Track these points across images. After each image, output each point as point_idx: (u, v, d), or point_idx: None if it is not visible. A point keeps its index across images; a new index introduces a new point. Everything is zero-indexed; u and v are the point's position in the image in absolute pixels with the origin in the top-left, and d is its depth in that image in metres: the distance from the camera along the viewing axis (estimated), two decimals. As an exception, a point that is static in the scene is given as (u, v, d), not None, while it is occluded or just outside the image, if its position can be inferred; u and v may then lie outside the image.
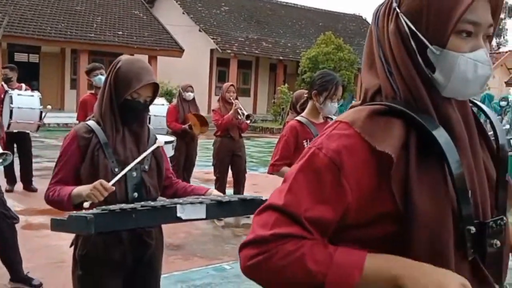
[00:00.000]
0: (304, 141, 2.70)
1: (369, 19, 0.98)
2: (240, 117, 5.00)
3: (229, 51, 18.28)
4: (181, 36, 17.41)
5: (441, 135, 0.81)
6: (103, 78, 4.23)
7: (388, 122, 0.82)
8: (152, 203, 1.64)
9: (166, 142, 5.45)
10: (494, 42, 34.31)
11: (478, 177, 0.86)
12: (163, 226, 1.98)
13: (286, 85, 18.08)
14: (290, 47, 20.48)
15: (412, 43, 0.85)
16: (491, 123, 0.94)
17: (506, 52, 26.14)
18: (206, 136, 11.26)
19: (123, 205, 1.54)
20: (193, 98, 5.64)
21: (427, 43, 0.83)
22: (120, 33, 16.45)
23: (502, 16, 33.01)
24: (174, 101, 5.83)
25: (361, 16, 28.03)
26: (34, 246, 4.00)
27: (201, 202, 1.65)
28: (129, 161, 1.78)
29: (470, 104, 0.92)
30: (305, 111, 2.88)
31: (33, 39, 14.51)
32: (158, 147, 1.84)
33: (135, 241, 1.80)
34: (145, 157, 1.79)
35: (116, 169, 1.76)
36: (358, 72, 20.73)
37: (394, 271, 0.77)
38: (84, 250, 1.78)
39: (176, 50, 17.09)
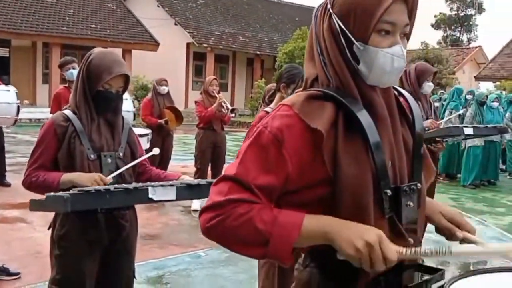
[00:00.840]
0: None
1: None
2: (224, 111, 5.14)
3: (205, 45, 18.25)
4: (156, 30, 17.27)
5: (363, 116, 0.98)
6: (75, 72, 4.27)
7: (321, 105, 0.99)
8: (125, 185, 1.76)
9: (141, 135, 5.53)
10: (464, 38, 35.30)
11: (397, 150, 1.03)
12: (140, 217, 2.11)
13: (263, 79, 18.20)
14: (267, 41, 20.60)
15: (342, 39, 1.00)
16: (409, 106, 1.11)
17: (476, 47, 26.85)
18: (184, 131, 11.36)
19: (98, 187, 1.66)
20: (168, 92, 5.71)
21: (353, 39, 0.99)
22: (93, 26, 16.20)
23: (472, 12, 33.39)
24: (149, 95, 5.88)
25: (337, 11, 28.36)
26: (9, 239, 4.03)
27: (171, 185, 1.78)
28: (104, 148, 1.90)
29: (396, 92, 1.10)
30: (273, 103, 3.02)
31: (3, 32, 14.16)
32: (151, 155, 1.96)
33: (110, 222, 1.90)
34: (138, 162, 1.94)
35: (92, 156, 1.87)
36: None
37: (326, 228, 0.94)
38: (61, 230, 1.88)
39: (151, 43, 16.96)
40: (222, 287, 3.34)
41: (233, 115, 5.39)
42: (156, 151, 1.99)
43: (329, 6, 1.03)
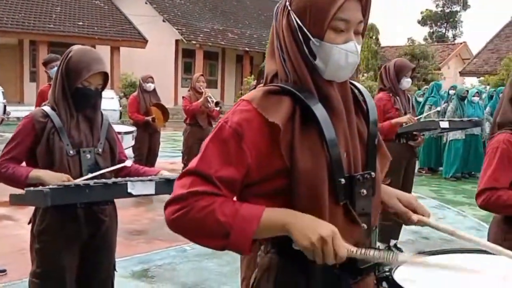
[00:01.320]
0: None
1: None
2: (210, 105, 5.30)
3: (194, 42, 18.22)
4: (145, 27, 17.19)
5: (319, 109, 1.03)
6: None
7: (279, 99, 1.03)
8: (104, 180, 1.81)
9: (126, 132, 5.57)
10: (450, 34, 35.64)
11: (351, 141, 1.08)
12: (128, 213, 2.15)
13: (253, 76, 18.25)
14: (256, 38, 20.61)
15: (299, 35, 1.04)
16: (364, 100, 1.17)
17: (461, 43, 27.17)
18: (173, 128, 11.36)
19: (78, 181, 1.72)
20: (154, 89, 5.76)
21: (310, 36, 1.04)
22: (81, 23, 16.08)
23: (457, 8, 33.65)
24: (135, 92, 5.92)
25: (325, 8, 28.45)
26: (-5, 236, 4.07)
27: (150, 180, 1.84)
28: (83, 144, 1.94)
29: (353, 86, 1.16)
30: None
31: (-11, 29, 14.00)
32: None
33: (89, 217, 1.94)
34: (110, 171, 1.97)
35: (71, 152, 1.90)
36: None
37: (283, 221, 0.99)
38: (41, 225, 1.92)
39: (139, 40, 16.88)
40: (206, 279, 3.41)
41: (219, 108, 5.51)
42: (128, 163, 2.01)
43: (287, 3, 1.07)
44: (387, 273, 1.06)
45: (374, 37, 19.58)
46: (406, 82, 3.86)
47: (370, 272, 1.11)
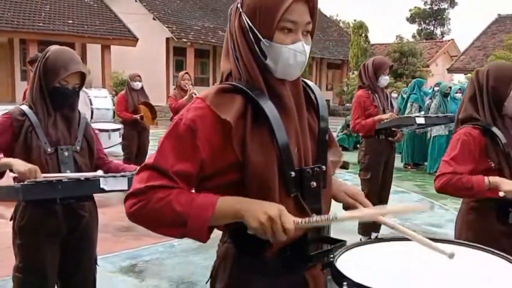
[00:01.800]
0: None
1: (323, 9, 1.21)
2: None
3: (185, 40, 18.22)
4: (135, 25, 17.17)
5: (269, 107, 1.08)
6: None
7: (231, 97, 1.08)
8: (77, 176, 1.86)
9: (113, 130, 5.66)
10: (438, 31, 35.89)
11: (302, 137, 1.13)
12: (116, 210, 2.18)
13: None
14: (245, 36, 20.66)
15: (251, 36, 1.09)
16: (316, 97, 1.22)
17: (449, 40, 27.40)
18: (165, 126, 11.39)
19: (50, 177, 1.76)
20: (142, 87, 5.83)
21: (260, 36, 1.08)
22: (70, 21, 16.02)
23: (445, 6, 33.84)
24: (123, 91, 5.99)
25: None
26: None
27: (123, 176, 1.87)
28: (60, 142, 1.96)
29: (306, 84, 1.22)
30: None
31: (-22, 28, 13.93)
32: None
33: (69, 213, 1.98)
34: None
35: (49, 149, 1.93)
36: (312, 61, 21.25)
37: (236, 207, 1.04)
38: (21, 221, 1.96)
39: (130, 39, 16.86)
40: (193, 273, 3.49)
41: None
42: (99, 172, 2.01)
43: (239, 5, 1.11)
44: (331, 259, 1.12)
45: (363, 35, 19.73)
46: (384, 80, 3.94)
47: (320, 258, 1.15)
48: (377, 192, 3.95)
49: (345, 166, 3.03)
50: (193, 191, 1.12)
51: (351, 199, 1.26)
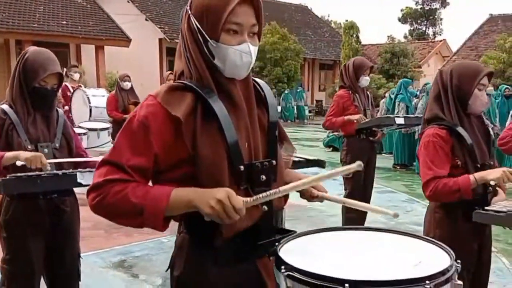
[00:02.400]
0: None
1: (315, 10, 1.22)
2: None
3: (177, 40, 17.99)
4: (128, 26, 17.24)
5: (217, 105, 1.13)
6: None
7: (182, 95, 1.13)
8: (55, 171, 1.96)
9: (101, 129, 5.79)
10: (430, 31, 36.12)
11: (252, 132, 1.18)
12: None
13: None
14: (238, 36, 20.75)
15: (199, 37, 1.13)
16: (265, 95, 1.27)
17: (441, 41, 27.59)
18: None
19: (30, 173, 1.88)
20: (131, 87, 5.94)
21: (207, 37, 1.13)
22: (64, 22, 16.08)
23: (437, 6, 33.98)
24: (113, 91, 6.11)
25: (307, 7, 28.64)
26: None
27: None
28: (40, 139, 2.06)
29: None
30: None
31: (-28, 29, 13.96)
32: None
33: (51, 207, 2.08)
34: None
35: (29, 147, 2.02)
36: (304, 62, 21.39)
37: (189, 197, 1.09)
38: (6, 215, 2.06)
39: (123, 39, 16.92)
40: (180, 267, 3.65)
41: None
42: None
43: (188, 7, 1.16)
44: (276, 247, 1.16)
45: (354, 35, 19.89)
46: (365, 80, 3.99)
47: (269, 247, 1.19)
48: (360, 190, 3.98)
49: (322, 164, 3.17)
50: (150, 184, 1.17)
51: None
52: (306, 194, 1.33)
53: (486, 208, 1.83)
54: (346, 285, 0.95)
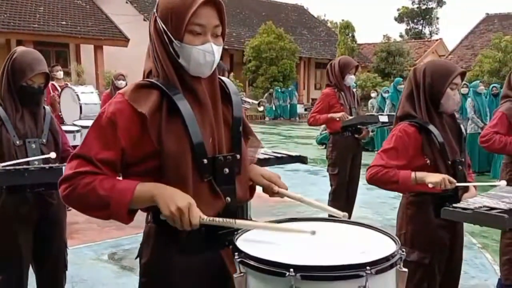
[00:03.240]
0: None
1: (311, 10, 1.21)
2: None
3: (174, 40, 18.39)
4: (127, 26, 17.38)
5: (181, 102, 1.18)
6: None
7: (148, 93, 1.18)
8: (42, 165, 2.07)
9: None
10: (427, 31, 36.14)
11: (217, 128, 1.23)
12: None
13: (233, 73, 18.53)
14: (235, 36, 20.86)
15: (165, 38, 1.19)
16: (229, 93, 1.32)
17: (437, 40, 27.64)
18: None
19: (18, 166, 2.00)
20: (125, 86, 6.04)
21: (172, 38, 1.18)
22: (64, 23, 16.24)
23: (433, 5, 33.99)
24: (108, 90, 6.23)
25: (303, 6, 28.70)
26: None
27: None
28: (28, 135, 2.15)
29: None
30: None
31: (-26, 30, 14.12)
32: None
33: (39, 200, 2.17)
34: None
35: (17, 142, 2.11)
36: (300, 61, 21.50)
37: (152, 192, 1.14)
38: None
39: (121, 39, 17.07)
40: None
41: None
42: (52, 155, 2.17)
43: (155, 10, 1.22)
44: (234, 236, 1.19)
45: (350, 35, 19.99)
46: (350, 79, 4.07)
47: (231, 237, 1.20)
48: (345, 186, 4.10)
49: (303, 160, 3.29)
50: (121, 177, 1.23)
51: (267, 181, 1.36)
52: (268, 190, 1.37)
53: (454, 205, 1.81)
54: (291, 269, 0.99)
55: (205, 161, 1.20)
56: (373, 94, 11.04)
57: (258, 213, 5.88)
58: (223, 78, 1.36)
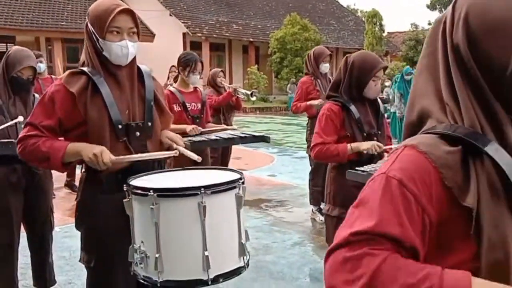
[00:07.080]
0: (174, 105, 3.45)
1: (342, 2, 1.44)
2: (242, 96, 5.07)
3: (199, 34, 18.77)
4: (153, 21, 17.86)
5: (102, 85, 1.64)
6: (42, 65, 4.91)
7: (78, 77, 1.66)
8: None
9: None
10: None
11: (132, 102, 1.70)
12: None
13: (256, 65, 18.68)
14: (260, 28, 20.98)
15: (93, 36, 1.67)
16: (143, 77, 1.80)
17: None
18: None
19: (4, 140, 2.40)
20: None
21: (98, 37, 1.66)
22: (91, 20, 16.89)
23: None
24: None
25: (331, -4, 28.24)
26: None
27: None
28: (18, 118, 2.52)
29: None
30: (177, 83, 3.68)
31: (6, 29, 15.04)
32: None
33: (26, 170, 2.57)
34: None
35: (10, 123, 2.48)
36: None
37: (77, 149, 1.63)
38: None
39: (147, 35, 17.56)
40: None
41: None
42: (20, 118, 2.47)
43: (87, 16, 1.70)
44: (132, 177, 1.65)
45: (377, 24, 19.61)
46: (325, 67, 4.29)
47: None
48: (323, 165, 4.20)
49: (266, 140, 3.42)
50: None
51: (169, 140, 1.81)
52: (170, 147, 1.80)
53: (356, 168, 2.19)
54: (151, 191, 1.49)
55: (120, 126, 1.67)
56: (387, 83, 10.83)
57: (255, 194, 6.00)
58: (141, 66, 1.80)
